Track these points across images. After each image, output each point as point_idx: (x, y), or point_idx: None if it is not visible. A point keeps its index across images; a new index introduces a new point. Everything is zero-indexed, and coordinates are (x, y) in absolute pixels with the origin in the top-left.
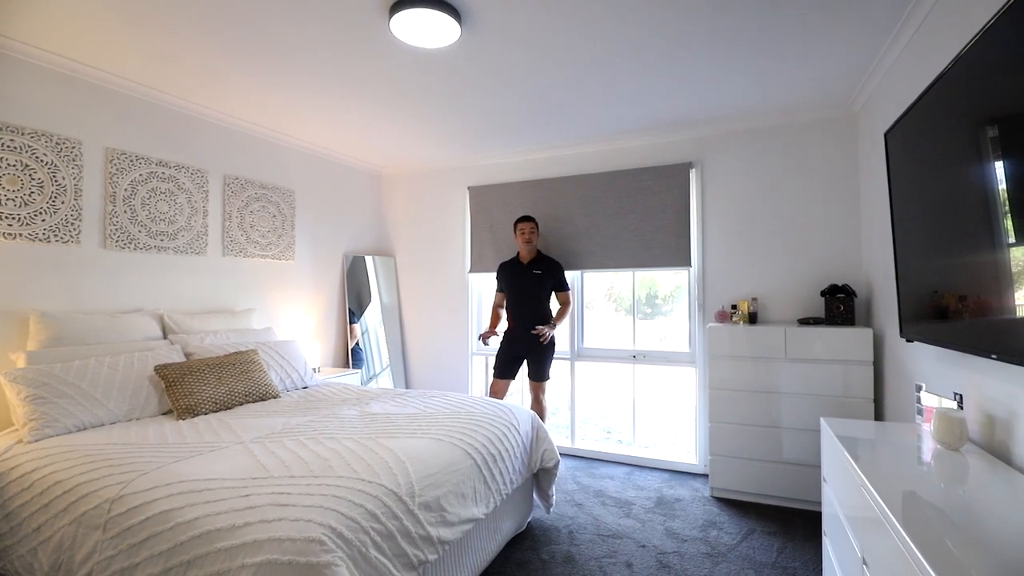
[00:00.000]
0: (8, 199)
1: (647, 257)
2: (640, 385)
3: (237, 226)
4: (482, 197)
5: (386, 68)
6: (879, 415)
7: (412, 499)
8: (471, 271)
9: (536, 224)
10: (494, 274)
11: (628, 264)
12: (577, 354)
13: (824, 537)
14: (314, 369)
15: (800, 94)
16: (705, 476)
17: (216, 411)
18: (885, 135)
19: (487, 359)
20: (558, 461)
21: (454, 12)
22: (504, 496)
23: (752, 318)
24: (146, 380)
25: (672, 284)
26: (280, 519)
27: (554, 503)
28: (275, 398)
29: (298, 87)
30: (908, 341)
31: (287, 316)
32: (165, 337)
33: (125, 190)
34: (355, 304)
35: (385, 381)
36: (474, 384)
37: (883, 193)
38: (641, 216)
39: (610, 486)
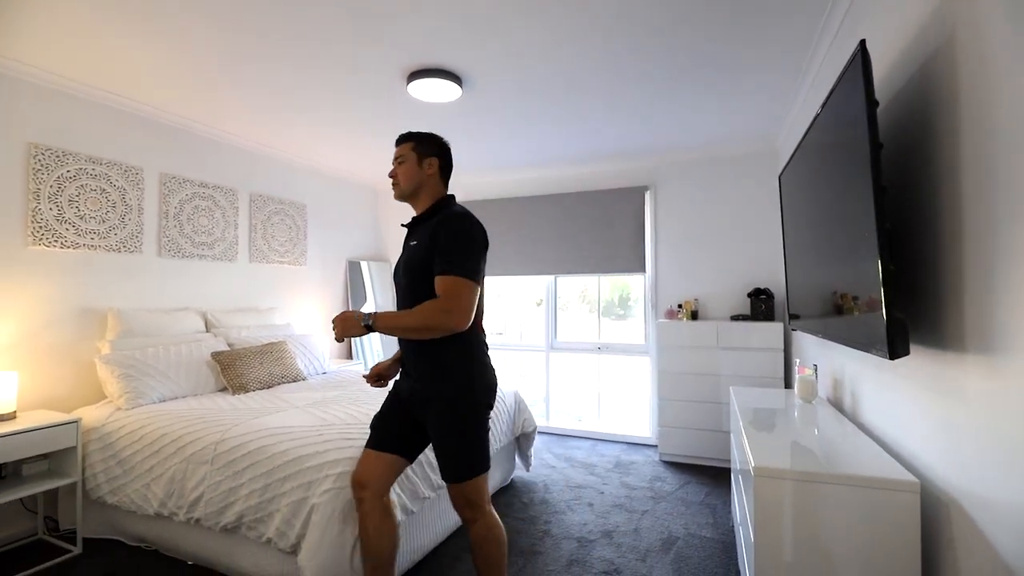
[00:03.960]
0: (91, 217)
1: (609, 264)
2: (604, 373)
3: (261, 236)
4: (472, 211)
5: (398, 115)
6: (788, 387)
7: None
8: None
9: (419, 148)
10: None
11: (594, 270)
12: (551, 346)
13: (732, 477)
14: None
15: (735, 132)
16: (655, 446)
17: (261, 389)
18: (780, 176)
19: None
20: (536, 427)
21: (456, 79)
22: (495, 449)
23: (694, 315)
24: (204, 364)
25: (640, 288)
26: (349, 446)
27: (532, 464)
28: (304, 380)
29: (318, 122)
30: (792, 330)
31: (301, 313)
32: (208, 331)
33: (175, 207)
34: (354, 304)
35: None
36: None
37: None
38: (605, 230)
39: (577, 454)
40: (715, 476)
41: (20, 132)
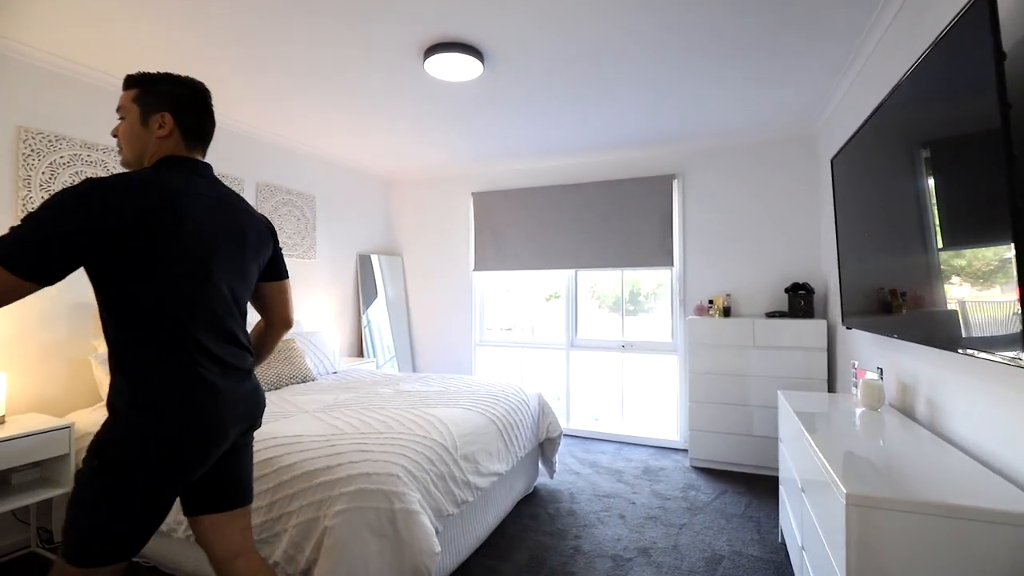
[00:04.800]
0: None
1: (634, 258)
2: (627, 372)
3: None
4: (485, 202)
5: (414, 96)
6: (831, 391)
7: (455, 451)
8: (475, 269)
9: (144, 99)
10: (497, 272)
11: (617, 264)
12: (572, 344)
13: (780, 488)
14: None
15: (770, 117)
16: (685, 450)
17: (270, 391)
18: (832, 160)
19: (492, 350)
20: (561, 432)
21: (478, 54)
22: (519, 458)
23: (726, 312)
24: None
25: (654, 283)
26: (364, 460)
27: (557, 470)
28: (314, 380)
29: (328, 106)
30: (848, 328)
31: (310, 310)
32: None
33: None
34: (364, 300)
35: (390, 369)
36: (477, 369)
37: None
38: (629, 221)
39: (603, 459)
40: (752, 485)
41: (9, 115)
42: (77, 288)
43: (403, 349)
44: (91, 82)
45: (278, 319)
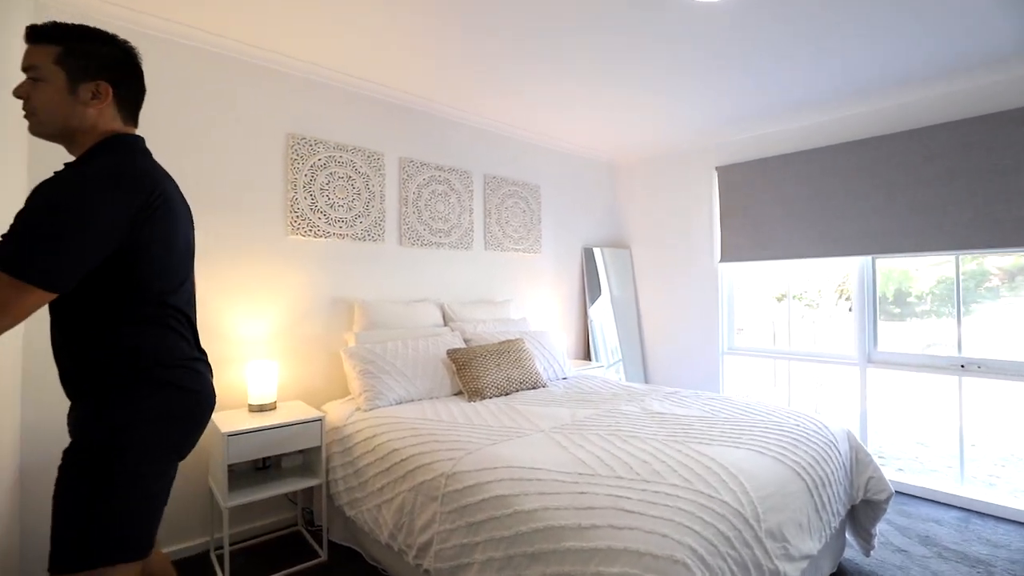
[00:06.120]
0: (339, 205)
1: (986, 235)
2: (967, 404)
3: (495, 222)
4: (733, 177)
5: (648, 43)
6: None
7: (758, 524)
8: (721, 260)
9: (70, 60)
10: (748, 263)
11: (949, 246)
12: (868, 359)
13: None
14: None
15: None
16: None
17: (498, 395)
18: None
19: (743, 359)
20: (891, 494)
21: None
22: (833, 529)
23: None
24: (440, 362)
25: (932, 278)
26: (630, 528)
27: (875, 545)
28: (544, 387)
29: (549, 80)
30: None
31: (535, 308)
32: (445, 324)
33: (413, 193)
34: (590, 297)
35: (614, 374)
36: (725, 385)
37: None
38: (971, 180)
39: (940, 533)
40: None
41: (281, 124)
42: (334, 284)
43: (631, 354)
44: (336, 84)
45: None
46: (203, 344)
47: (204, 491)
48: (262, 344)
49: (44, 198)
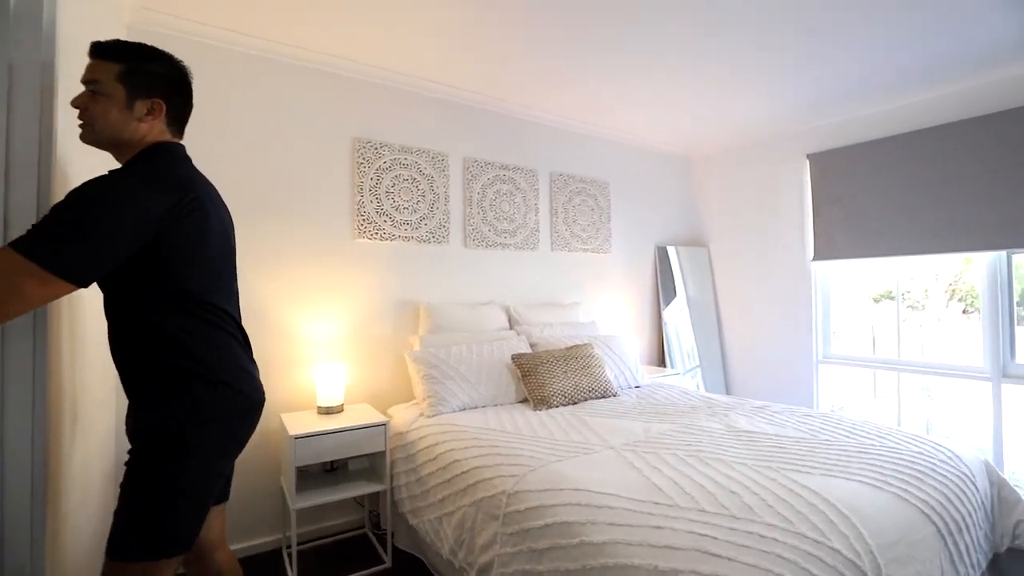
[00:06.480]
0: (404, 207)
1: None
2: None
3: (562, 221)
4: (827, 165)
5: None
6: None
7: None
8: (814, 259)
9: (132, 79)
10: (845, 261)
11: None
12: (1004, 373)
13: None
14: None
15: None
16: None
17: (565, 404)
18: None
19: (838, 368)
20: None
21: None
22: None
23: None
24: (505, 368)
25: None
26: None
27: None
28: (614, 396)
29: (619, 68)
30: None
31: (604, 310)
32: (511, 327)
33: (477, 193)
34: (664, 299)
35: (691, 383)
36: (821, 399)
37: None
38: None
39: None
40: None
41: (347, 128)
42: (400, 287)
43: (710, 360)
44: (400, 86)
45: None
46: (274, 346)
47: (278, 490)
48: (331, 346)
49: (78, 194)
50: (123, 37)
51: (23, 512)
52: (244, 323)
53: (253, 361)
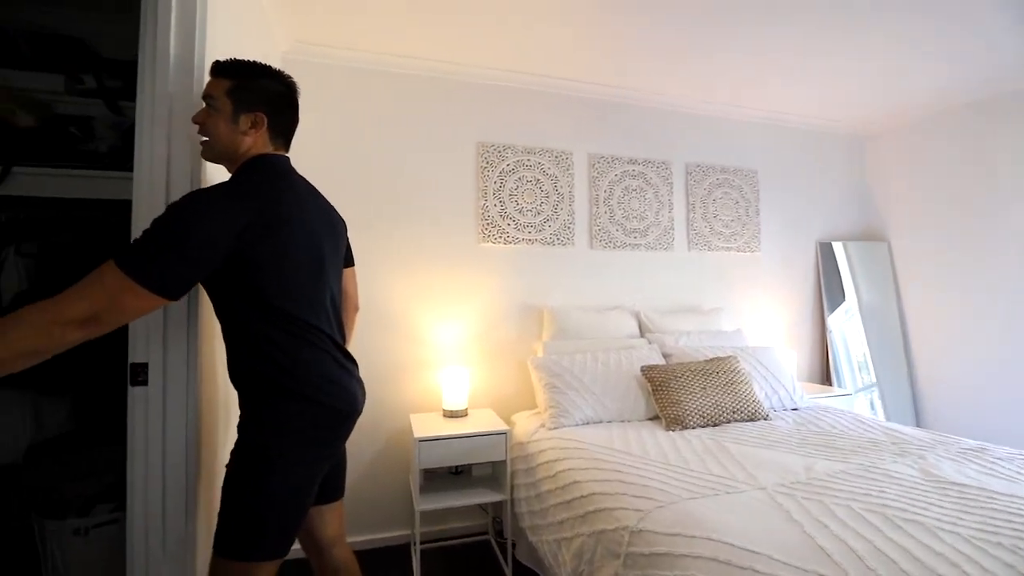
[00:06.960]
0: (528, 210)
1: None
2: None
3: (700, 217)
4: None
5: None
6: None
7: None
8: None
9: (238, 94)
10: None
11: None
12: None
13: None
14: None
15: None
16: None
17: (703, 426)
18: None
19: None
20: None
21: None
22: None
23: None
24: (633, 380)
25: None
26: None
27: None
28: (765, 419)
29: (767, 40)
30: None
31: (753, 317)
32: (641, 335)
33: (604, 192)
34: (829, 303)
35: (864, 406)
36: None
37: None
38: None
39: None
40: None
41: (471, 134)
42: (523, 291)
43: (892, 380)
44: (521, 86)
45: (351, 305)
46: (404, 349)
47: (408, 487)
48: (456, 350)
49: (170, 208)
50: (278, 67)
51: (179, 491)
52: (377, 328)
53: (349, 371)
